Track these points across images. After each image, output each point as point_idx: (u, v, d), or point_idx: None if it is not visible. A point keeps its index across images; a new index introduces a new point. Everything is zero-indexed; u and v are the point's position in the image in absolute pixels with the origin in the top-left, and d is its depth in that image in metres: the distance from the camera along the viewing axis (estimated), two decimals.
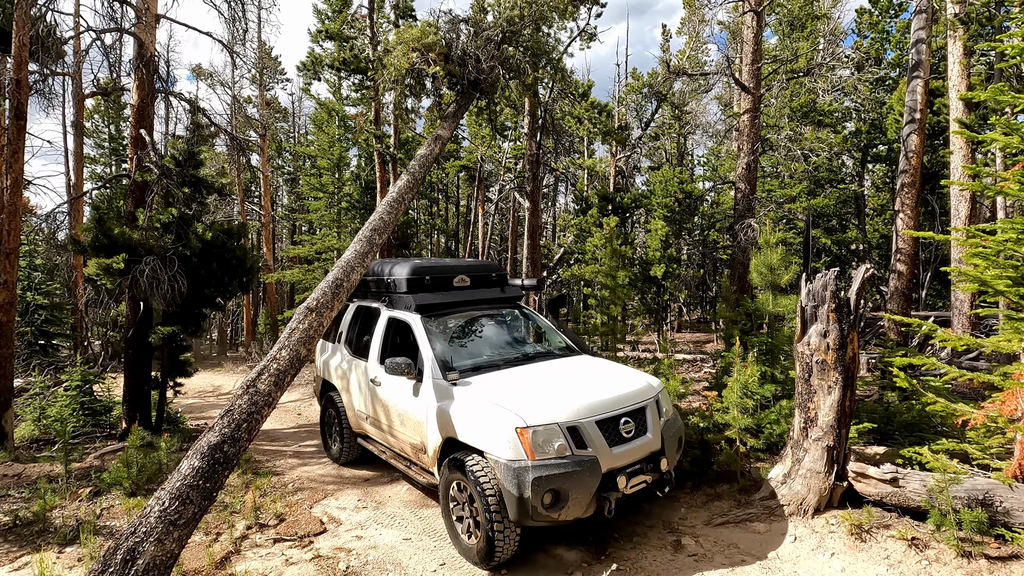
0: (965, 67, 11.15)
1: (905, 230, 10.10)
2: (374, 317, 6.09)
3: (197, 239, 7.82)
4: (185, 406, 11.42)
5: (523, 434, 3.99)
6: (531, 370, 5.05)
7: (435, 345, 5.12)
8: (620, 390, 4.60)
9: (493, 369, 5.01)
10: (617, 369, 5.23)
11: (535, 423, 4.04)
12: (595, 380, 4.85)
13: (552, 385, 4.69)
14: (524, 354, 5.57)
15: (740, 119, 12.22)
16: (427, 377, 4.90)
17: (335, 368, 6.62)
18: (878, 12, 20.51)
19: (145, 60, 8.20)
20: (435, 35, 7.89)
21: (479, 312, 6.00)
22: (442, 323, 5.58)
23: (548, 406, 4.21)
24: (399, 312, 5.70)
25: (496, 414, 4.18)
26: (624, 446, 4.32)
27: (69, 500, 5.75)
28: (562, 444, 4.05)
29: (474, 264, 6.44)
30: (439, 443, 4.66)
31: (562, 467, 3.96)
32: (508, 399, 4.30)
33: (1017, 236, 4.62)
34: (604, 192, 19.80)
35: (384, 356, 5.68)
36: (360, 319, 6.41)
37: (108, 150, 25.74)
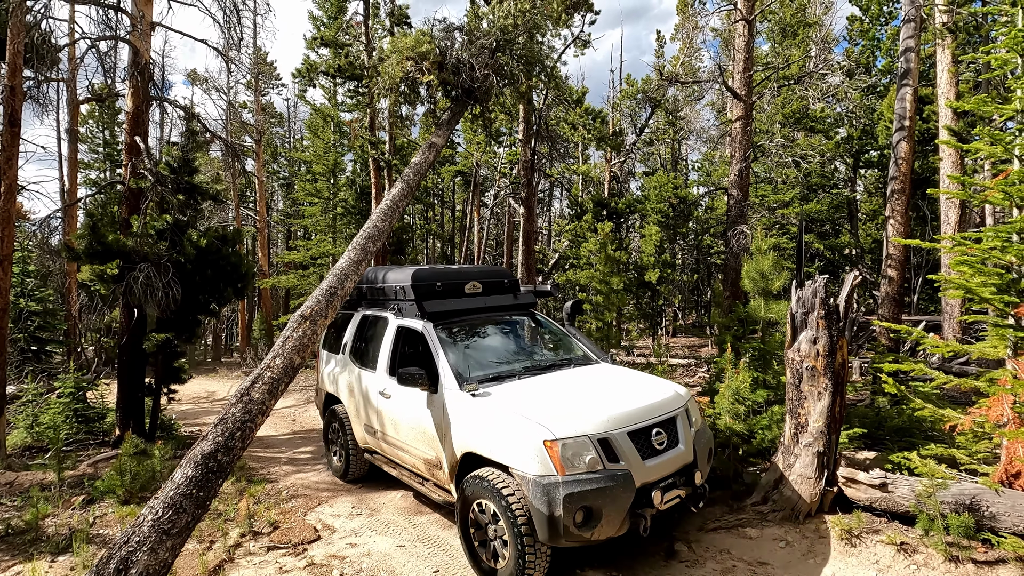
0: (953, 75, 11.31)
1: (895, 237, 10.21)
2: (382, 326, 5.85)
3: (192, 245, 7.83)
4: (179, 412, 11.39)
5: (551, 447, 3.73)
6: (552, 379, 4.81)
7: (449, 354, 4.87)
8: (649, 399, 4.36)
9: (511, 379, 4.76)
10: (642, 377, 5.02)
11: (564, 435, 3.78)
12: (621, 389, 4.62)
13: (577, 395, 4.47)
14: (542, 363, 5.31)
15: (732, 126, 12.33)
16: (442, 388, 4.66)
17: (340, 380, 6.32)
18: (868, 20, 20.76)
19: (140, 67, 8.22)
20: (429, 43, 7.95)
21: (493, 319, 5.78)
22: (455, 331, 5.34)
23: (576, 417, 3.97)
24: (409, 320, 5.45)
25: (521, 426, 3.93)
26: (657, 459, 4.07)
27: (62, 508, 5.73)
28: (593, 458, 3.79)
29: (486, 270, 6.24)
30: (457, 459, 4.40)
31: (594, 482, 3.71)
32: (532, 410, 4.06)
33: (1002, 244, 4.70)
34: (599, 197, 19.90)
35: (394, 367, 5.44)
36: (366, 329, 6.15)
37: (102, 156, 25.68)
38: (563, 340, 5.87)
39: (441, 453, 4.63)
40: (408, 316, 5.50)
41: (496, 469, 4.04)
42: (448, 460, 4.53)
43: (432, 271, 5.67)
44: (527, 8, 8.75)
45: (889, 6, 20.56)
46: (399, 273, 5.81)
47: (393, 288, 5.75)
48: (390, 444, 5.44)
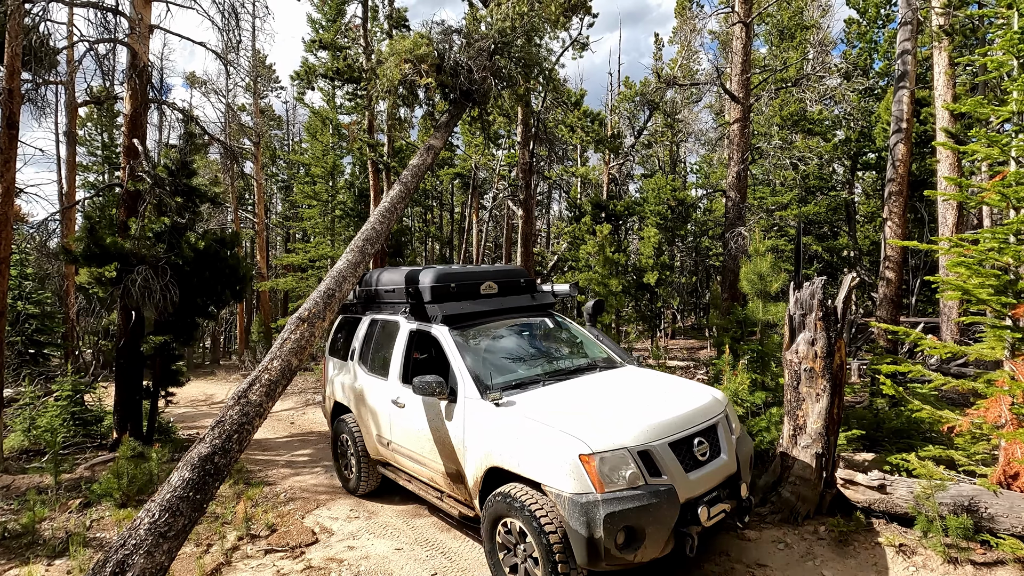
0: (950, 77, 11.34)
1: (892, 239, 10.22)
2: (393, 331, 5.49)
3: (190, 248, 7.83)
4: (177, 415, 11.36)
5: (588, 462, 3.43)
6: (579, 385, 4.49)
7: (468, 360, 4.54)
8: (687, 406, 4.06)
9: (535, 385, 4.42)
10: (675, 382, 4.72)
11: (601, 448, 3.48)
12: (655, 395, 4.30)
13: (610, 403, 4.13)
14: (567, 367, 4.96)
15: (730, 128, 12.36)
16: (462, 397, 4.35)
17: (349, 388, 5.95)
18: (866, 23, 20.82)
19: (138, 70, 8.22)
20: (428, 46, 7.97)
21: (511, 321, 5.43)
22: (473, 335, 4.98)
23: (613, 428, 3.67)
24: (423, 324, 5.11)
25: (553, 439, 3.62)
26: (700, 471, 3.79)
27: (59, 511, 5.71)
28: (634, 472, 3.50)
29: (502, 269, 5.90)
30: (481, 473, 4.08)
31: (636, 500, 3.41)
32: (564, 420, 3.75)
33: (999, 246, 4.71)
34: (597, 200, 19.93)
35: (407, 374, 5.13)
36: (376, 334, 5.78)
37: (101, 158, 25.68)
38: (586, 342, 5.54)
39: (462, 467, 4.31)
40: (422, 320, 5.18)
41: (525, 485, 3.74)
42: (471, 475, 4.21)
43: (446, 272, 5.32)
44: (525, 11, 8.77)
45: (886, 9, 20.63)
46: (411, 274, 5.48)
47: (405, 290, 5.40)
48: (405, 456, 5.10)
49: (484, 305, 5.33)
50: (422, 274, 5.32)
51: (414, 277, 5.38)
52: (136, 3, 8.40)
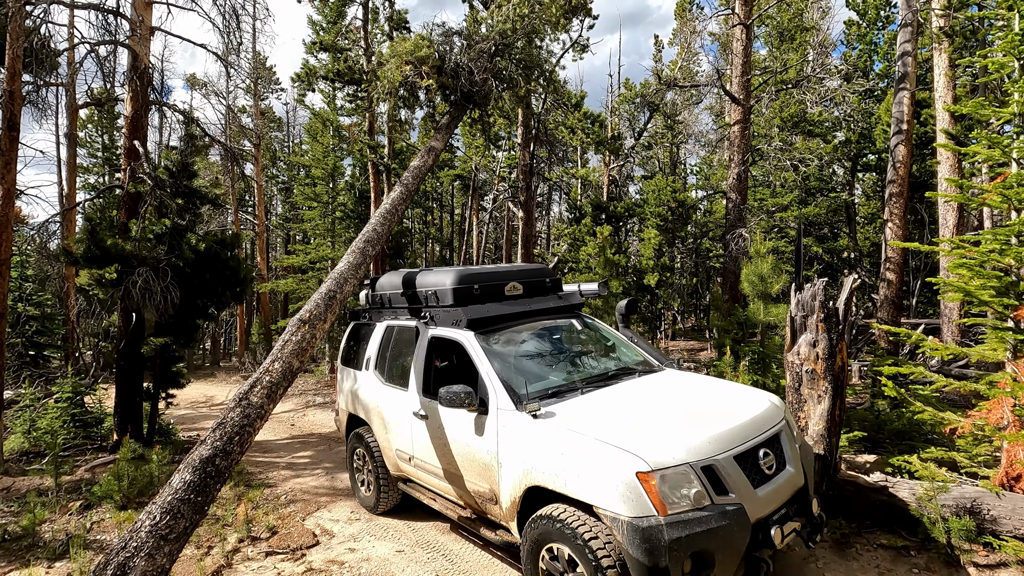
0: (950, 79, 11.35)
1: (893, 240, 10.22)
2: (411, 338, 5.13)
3: (190, 250, 7.83)
4: (177, 417, 11.35)
5: (647, 480, 3.05)
6: (622, 392, 4.11)
7: (498, 367, 4.16)
8: (747, 413, 3.68)
9: (572, 393, 4.03)
10: (725, 386, 4.34)
11: (661, 464, 3.10)
12: (708, 402, 3.94)
13: (660, 411, 3.76)
14: (604, 372, 4.57)
15: (730, 130, 12.37)
16: (494, 408, 3.94)
17: (364, 400, 5.55)
18: (866, 24, 20.85)
19: (139, 72, 8.23)
20: (428, 48, 7.97)
21: (539, 324, 5.03)
22: (500, 340, 4.60)
23: (671, 440, 3.28)
24: (445, 330, 4.72)
25: (604, 454, 3.23)
26: (768, 486, 3.41)
27: (59, 514, 5.70)
28: (699, 491, 3.11)
29: (526, 269, 5.55)
30: (519, 493, 3.68)
31: (704, 522, 3.03)
32: (614, 433, 3.38)
33: (1000, 247, 4.71)
34: (598, 201, 19.93)
35: (428, 384, 4.74)
36: (392, 341, 5.41)
37: (101, 160, 25.69)
38: (619, 345, 5.16)
39: (496, 486, 3.90)
40: (443, 325, 4.79)
41: (573, 507, 3.35)
42: (506, 495, 3.80)
43: (469, 272, 4.97)
44: (526, 13, 8.78)
45: (886, 11, 20.66)
46: (430, 276, 5.14)
47: (423, 293, 5.04)
48: (430, 473, 4.69)
49: (510, 307, 4.91)
50: (442, 276, 4.97)
51: (434, 279, 5.03)
52: (137, 5, 8.41)
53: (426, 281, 5.09)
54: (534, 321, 5.01)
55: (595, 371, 4.63)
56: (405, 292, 5.36)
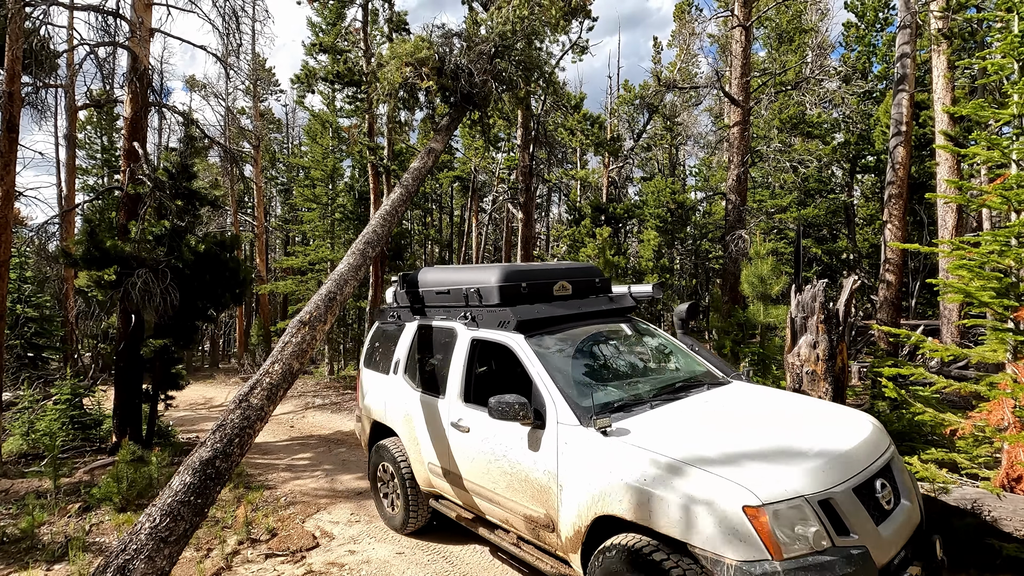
0: (949, 81, 11.37)
1: (892, 241, 10.24)
2: (447, 340, 4.65)
3: (190, 251, 7.83)
4: (176, 419, 11.34)
5: (757, 517, 2.55)
6: (697, 408, 3.62)
7: (557, 376, 3.68)
8: (853, 436, 3.16)
9: (640, 407, 3.55)
10: (813, 404, 3.83)
11: (773, 497, 2.59)
12: (802, 422, 3.42)
13: (751, 432, 3.25)
14: (669, 384, 4.07)
15: (730, 131, 12.39)
16: (553, 422, 3.47)
17: (393, 407, 5.07)
18: (864, 26, 20.90)
19: (139, 73, 8.23)
20: (428, 49, 7.98)
21: (591, 328, 4.55)
22: (553, 345, 4.11)
23: (780, 468, 2.77)
24: (489, 332, 4.26)
25: (700, 483, 2.73)
26: (890, 523, 2.91)
27: (58, 516, 5.69)
28: (818, 530, 2.60)
29: (574, 267, 5.06)
30: (586, 522, 3.18)
31: (827, 569, 2.53)
32: (707, 457, 2.88)
33: (1000, 248, 4.71)
34: (597, 203, 19.95)
35: (468, 391, 4.29)
36: (425, 343, 4.96)
37: (100, 161, 25.69)
38: (678, 353, 4.69)
39: (555, 511, 3.42)
40: (487, 326, 4.32)
41: (656, 540, 2.87)
42: (567, 522, 3.32)
43: (516, 269, 4.54)
44: (525, 14, 8.79)
45: (885, 12, 20.71)
46: (471, 273, 4.71)
47: (463, 292, 4.58)
48: (469, 491, 4.20)
49: (560, 309, 4.43)
50: (486, 272, 4.50)
51: (475, 276, 4.58)
52: (137, 7, 8.41)
53: (467, 278, 4.63)
54: (587, 325, 4.52)
55: (660, 383, 4.13)
56: (441, 290, 4.87)
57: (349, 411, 12.11)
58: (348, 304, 19.03)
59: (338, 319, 20.46)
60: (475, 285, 4.50)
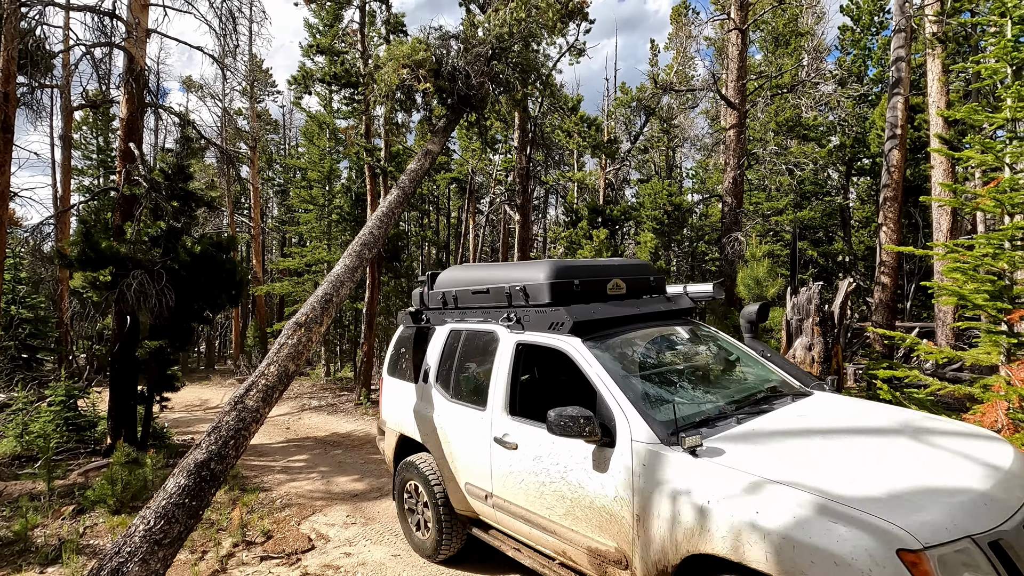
0: (944, 84, 11.44)
1: (887, 244, 10.29)
2: (486, 345, 4.21)
3: (186, 252, 7.81)
4: (172, 420, 11.29)
5: (917, 564, 2.04)
6: (794, 423, 3.11)
7: (626, 386, 3.19)
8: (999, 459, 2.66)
9: (725, 422, 3.08)
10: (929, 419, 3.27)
11: (934, 540, 2.09)
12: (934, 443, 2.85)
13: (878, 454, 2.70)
14: (749, 396, 3.58)
15: (726, 134, 12.43)
16: (625, 440, 2.97)
17: (423, 420, 4.55)
18: (860, 30, 21.02)
19: (135, 74, 8.22)
20: (425, 51, 7.99)
21: (650, 332, 4.04)
22: (614, 350, 3.59)
23: (934, 502, 2.28)
24: (537, 335, 3.79)
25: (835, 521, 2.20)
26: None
27: (51, 518, 5.66)
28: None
29: (628, 264, 4.55)
30: (673, 561, 2.68)
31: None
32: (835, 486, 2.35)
33: (994, 251, 4.74)
34: (594, 204, 19.97)
35: (514, 403, 3.82)
36: (459, 348, 4.46)
37: (96, 162, 25.61)
38: (749, 360, 4.11)
39: (628, 545, 2.91)
40: (535, 328, 3.85)
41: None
42: (647, 560, 2.81)
43: (567, 265, 4.02)
44: (522, 17, 8.82)
45: (880, 16, 20.84)
46: (514, 270, 4.24)
47: (505, 291, 4.11)
48: (518, 517, 3.68)
49: (616, 309, 3.93)
50: (532, 269, 4.01)
51: (520, 273, 4.10)
52: (133, 7, 8.40)
53: (509, 275, 4.18)
54: (646, 327, 4.02)
55: (737, 393, 3.64)
56: (479, 289, 4.41)
57: (346, 413, 12.09)
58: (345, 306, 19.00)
59: (334, 321, 20.44)
60: (521, 283, 4.00)
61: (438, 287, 4.88)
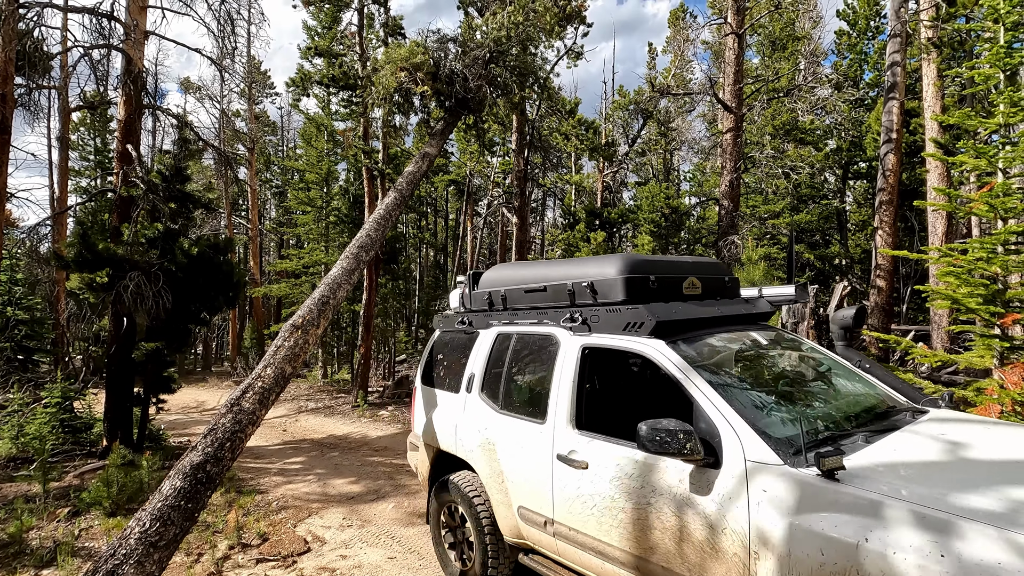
0: (939, 89, 11.51)
1: (883, 248, 10.33)
2: (543, 350, 3.74)
3: (183, 254, 7.81)
4: (168, 422, 11.27)
5: None
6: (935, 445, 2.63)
7: (731, 397, 2.75)
8: None
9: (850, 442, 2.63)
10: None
11: None
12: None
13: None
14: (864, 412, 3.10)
15: (723, 137, 12.48)
16: (736, 459, 2.50)
17: (466, 433, 4.03)
18: (856, 34, 21.13)
19: (133, 76, 8.22)
20: (423, 54, 8.02)
21: (738, 337, 3.58)
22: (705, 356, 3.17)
23: None
24: (609, 337, 3.33)
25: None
26: None
27: (47, 520, 5.64)
28: None
29: (703, 262, 4.04)
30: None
31: None
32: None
33: (987, 255, 4.78)
34: (591, 207, 20.02)
35: (580, 415, 3.36)
36: (509, 353, 3.98)
37: (94, 163, 25.58)
38: (848, 372, 3.57)
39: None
40: (605, 330, 3.38)
41: None
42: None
43: (642, 259, 3.56)
44: (520, 20, 8.85)
45: (876, 21, 20.95)
46: (575, 266, 3.77)
47: (567, 288, 3.68)
48: (587, 548, 3.16)
49: (699, 310, 3.50)
50: (600, 264, 3.56)
51: (585, 270, 3.63)
52: (132, 9, 8.41)
53: (570, 272, 3.73)
54: (728, 331, 3.57)
55: (850, 409, 3.12)
56: (533, 287, 3.98)
57: (343, 415, 12.08)
58: (342, 308, 18.99)
59: (332, 323, 20.42)
60: (588, 279, 3.55)
61: (483, 286, 4.47)
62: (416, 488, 6.55)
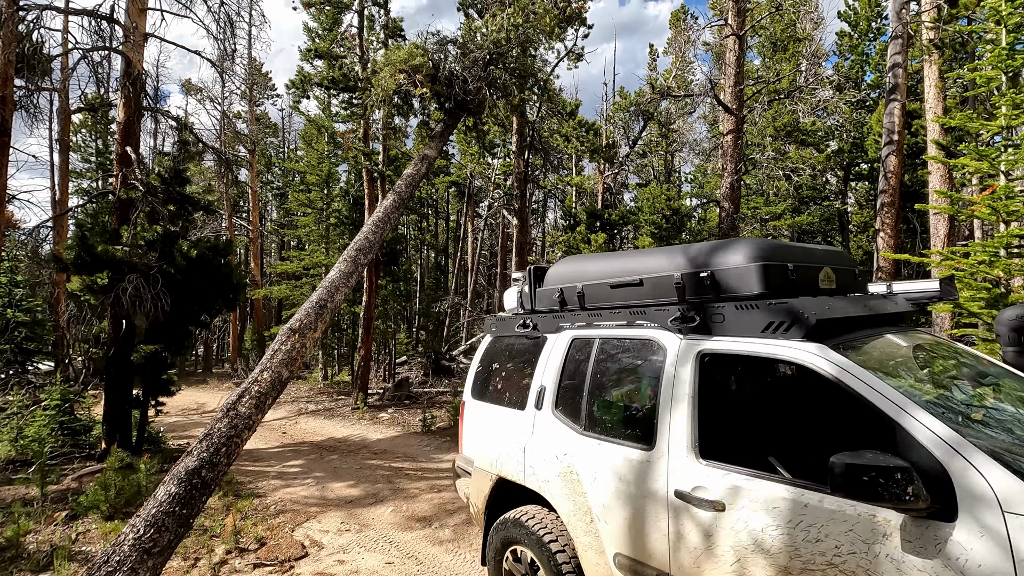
0: (940, 90, 11.46)
1: (885, 251, 10.29)
2: (640, 355, 3.08)
3: (182, 256, 7.79)
4: (168, 424, 11.26)
5: None
6: None
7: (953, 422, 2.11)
8: None
9: None
10: None
11: None
12: None
13: None
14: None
15: (724, 139, 12.45)
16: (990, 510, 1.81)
17: (538, 459, 3.29)
18: (857, 36, 21.09)
19: (132, 78, 8.22)
20: (423, 56, 8.00)
21: (892, 341, 2.89)
22: (887, 367, 2.54)
23: None
24: (742, 341, 2.63)
25: None
26: None
27: (44, 524, 5.62)
28: None
29: (833, 252, 3.41)
30: None
31: None
32: None
33: (989, 259, 4.74)
34: (592, 209, 19.99)
35: (705, 440, 2.65)
36: (592, 362, 3.27)
37: (94, 165, 25.61)
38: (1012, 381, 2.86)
39: None
40: (732, 332, 2.68)
41: None
42: None
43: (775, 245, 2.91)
44: (520, 22, 8.83)
45: (877, 22, 20.91)
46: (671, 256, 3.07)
47: (671, 281, 2.98)
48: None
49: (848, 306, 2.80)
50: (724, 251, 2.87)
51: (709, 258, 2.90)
52: (131, 12, 8.41)
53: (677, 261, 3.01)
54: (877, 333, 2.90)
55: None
56: (623, 281, 3.25)
57: (342, 417, 12.05)
58: (342, 309, 18.98)
59: (332, 325, 20.41)
60: (708, 268, 2.85)
61: (550, 283, 3.76)
62: (415, 492, 6.52)
